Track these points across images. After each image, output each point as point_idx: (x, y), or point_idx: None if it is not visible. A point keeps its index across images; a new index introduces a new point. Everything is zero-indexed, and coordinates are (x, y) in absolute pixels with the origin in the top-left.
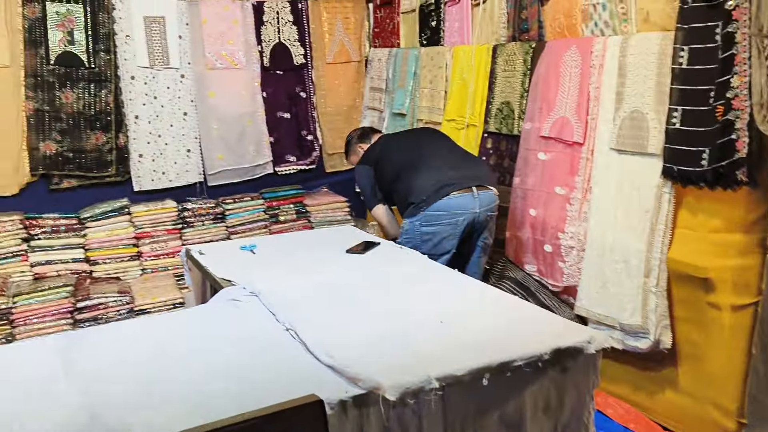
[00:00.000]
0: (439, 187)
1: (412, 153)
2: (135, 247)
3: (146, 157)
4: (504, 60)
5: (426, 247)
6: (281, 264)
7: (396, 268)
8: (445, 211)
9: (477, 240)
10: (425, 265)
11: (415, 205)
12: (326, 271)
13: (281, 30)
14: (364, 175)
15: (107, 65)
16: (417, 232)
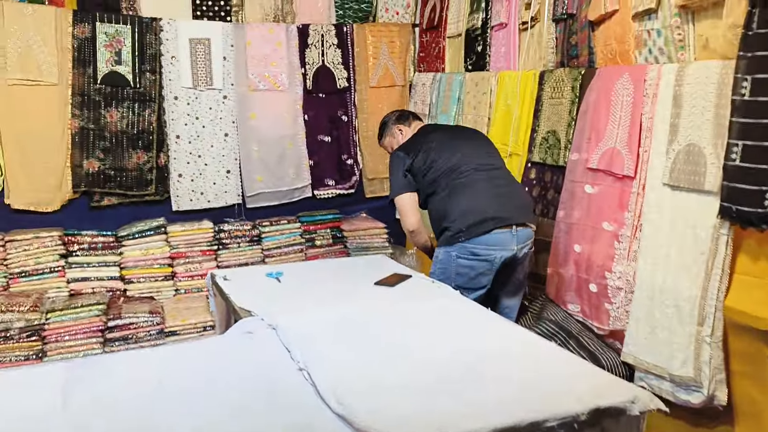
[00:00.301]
0: (482, 220)
1: (458, 163)
2: (169, 267)
3: (185, 177)
4: (551, 87)
5: (461, 280)
6: (305, 294)
7: (425, 304)
8: (483, 246)
9: (511, 276)
10: (457, 303)
11: (453, 234)
12: (351, 305)
13: (325, 53)
14: (399, 162)
15: (152, 85)
16: (453, 263)
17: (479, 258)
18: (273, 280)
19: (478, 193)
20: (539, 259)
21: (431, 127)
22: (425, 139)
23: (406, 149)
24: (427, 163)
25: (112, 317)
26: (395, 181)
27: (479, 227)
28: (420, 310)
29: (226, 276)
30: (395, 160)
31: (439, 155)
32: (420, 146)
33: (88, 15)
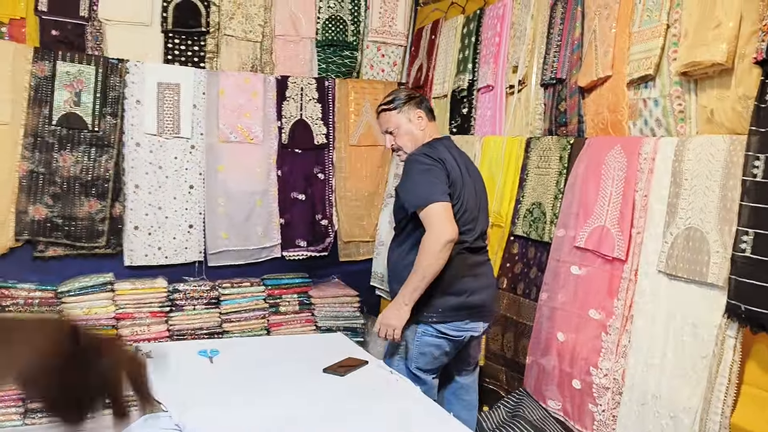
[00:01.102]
0: (464, 306)
1: (472, 222)
2: (114, 329)
3: (142, 230)
4: (538, 155)
5: (423, 361)
6: (237, 381)
7: (376, 404)
8: (453, 328)
9: (468, 351)
10: (415, 404)
11: (426, 312)
12: (287, 399)
13: (304, 107)
14: (437, 170)
15: (112, 130)
16: (416, 341)
17: (447, 337)
18: (205, 359)
19: (474, 274)
20: (518, 345)
21: (455, 151)
22: (454, 167)
23: (440, 161)
24: (455, 201)
25: None
26: (429, 184)
27: (457, 314)
28: (369, 409)
29: (150, 352)
30: (431, 166)
31: (465, 202)
32: (452, 173)
33: (50, 53)
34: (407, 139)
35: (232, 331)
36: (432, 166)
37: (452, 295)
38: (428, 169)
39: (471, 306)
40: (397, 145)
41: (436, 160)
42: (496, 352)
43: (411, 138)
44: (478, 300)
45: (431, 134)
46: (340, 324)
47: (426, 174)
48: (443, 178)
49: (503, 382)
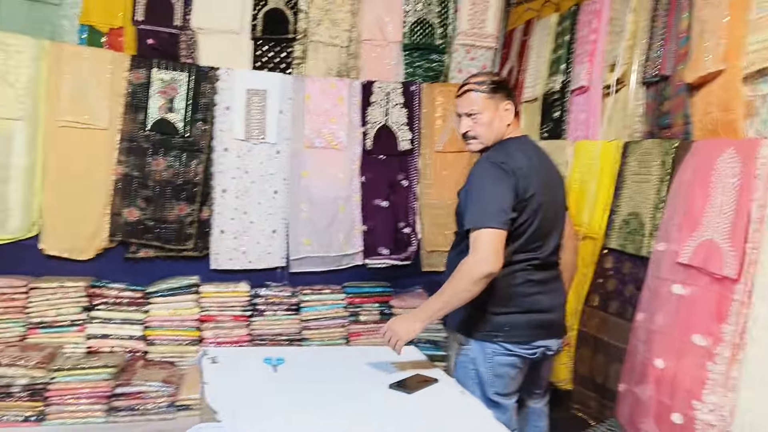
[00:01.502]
0: (536, 326)
1: (544, 239)
2: (197, 331)
3: (228, 234)
4: (637, 160)
5: (500, 384)
6: (298, 392)
7: (441, 425)
8: (528, 349)
9: (539, 373)
10: (484, 428)
11: (490, 329)
12: (347, 414)
13: (389, 112)
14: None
15: (202, 135)
16: (488, 363)
17: (519, 355)
18: (269, 367)
19: (546, 291)
20: (610, 369)
21: (534, 154)
22: (531, 177)
23: (513, 173)
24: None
25: (121, 383)
26: (491, 203)
27: (526, 332)
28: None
29: (216, 357)
30: (501, 179)
31: (540, 215)
32: (528, 185)
33: (146, 61)
34: (486, 130)
35: (311, 339)
36: (503, 179)
37: (520, 314)
38: (496, 183)
39: (542, 325)
40: (474, 132)
41: (509, 172)
42: (585, 376)
43: (491, 130)
44: (550, 318)
45: (512, 132)
46: (422, 336)
47: (492, 188)
48: (510, 195)
49: (593, 409)
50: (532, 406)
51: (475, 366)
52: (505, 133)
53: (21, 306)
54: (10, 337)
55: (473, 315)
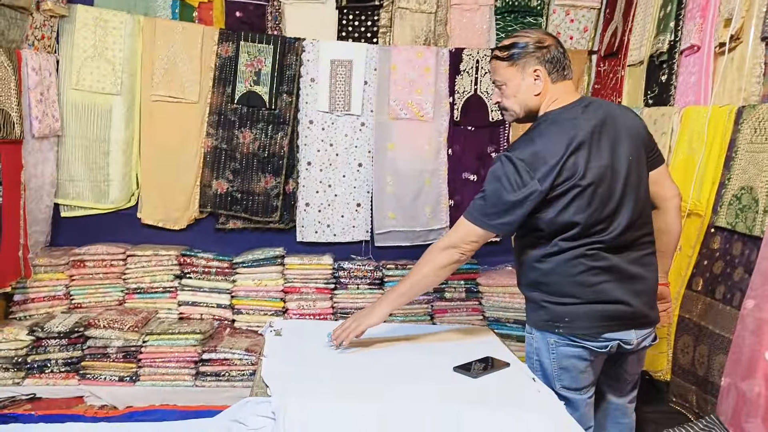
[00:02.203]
0: (603, 317)
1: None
2: (281, 302)
3: (313, 207)
4: (752, 127)
5: (567, 378)
6: (357, 369)
7: (504, 414)
8: (595, 342)
9: (622, 369)
10: (552, 421)
11: (549, 320)
12: (403, 396)
13: (479, 81)
14: (516, 180)
15: (287, 108)
16: (552, 353)
17: (586, 347)
18: (330, 342)
19: (618, 278)
20: (713, 361)
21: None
22: (579, 159)
23: (537, 172)
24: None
25: (208, 349)
26: (496, 204)
27: (589, 325)
28: (494, 424)
29: (280, 329)
30: (516, 182)
31: (595, 194)
32: (574, 170)
33: (233, 34)
34: (515, 102)
35: (394, 314)
36: (518, 187)
37: (582, 304)
38: (509, 191)
39: (613, 316)
40: (503, 103)
41: (529, 178)
42: (685, 368)
43: (517, 102)
44: (622, 309)
45: (556, 98)
46: (510, 316)
47: (504, 195)
48: (521, 208)
49: (693, 404)
50: (614, 401)
51: (538, 357)
52: (540, 103)
53: (119, 272)
54: (110, 301)
55: (534, 301)
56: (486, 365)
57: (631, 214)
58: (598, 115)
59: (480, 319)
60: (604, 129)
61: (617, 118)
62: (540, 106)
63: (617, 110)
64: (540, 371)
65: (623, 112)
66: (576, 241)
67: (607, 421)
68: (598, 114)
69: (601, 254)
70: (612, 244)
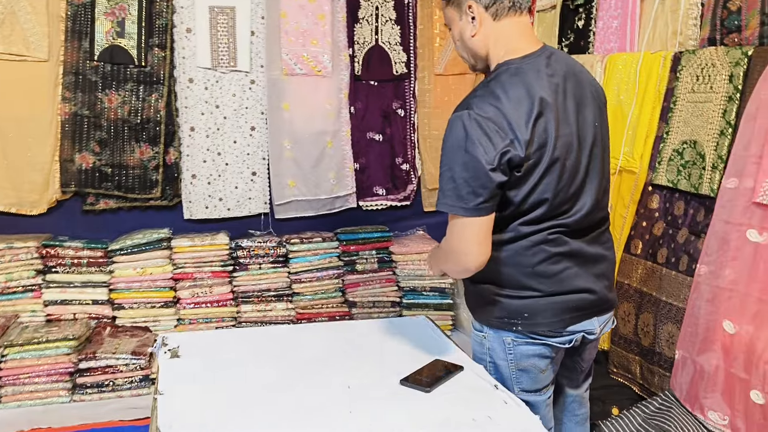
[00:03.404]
0: (566, 309)
1: (573, 198)
2: (171, 291)
3: (201, 179)
4: (692, 75)
5: (526, 381)
6: (285, 399)
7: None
8: (558, 337)
9: (580, 358)
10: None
11: (506, 318)
12: (352, 429)
13: (380, 30)
14: (480, 152)
15: (161, 64)
16: (509, 354)
17: (548, 343)
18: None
19: (580, 263)
20: (659, 330)
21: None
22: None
23: (501, 127)
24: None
25: (85, 357)
26: (467, 178)
27: (551, 319)
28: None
29: (177, 348)
30: (479, 138)
31: (560, 172)
32: (535, 134)
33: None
34: (462, 48)
35: (303, 293)
36: (482, 144)
37: (544, 297)
38: (473, 150)
39: (578, 307)
40: (457, 52)
41: (493, 131)
42: (627, 337)
43: (465, 47)
44: (587, 298)
45: (509, 41)
46: (426, 284)
47: (468, 159)
48: (493, 160)
49: (636, 375)
50: (571, 393)
51: (493, 359)
52: (486, 48)
53: None
54: None
55: (484, 296)
56: (437, 372)
57: (595, 193)
58: (562, 70)
59: (395, 290)
60: (568, 88)
61: (579, 74)
62: (488, 52)
63: (578, 66)
64: (495, 374)
65: (582, 69)
66: (538, 225)
67: (563, 415)
68: (562, 69)
69: (563, 238)
70: (575, 227)
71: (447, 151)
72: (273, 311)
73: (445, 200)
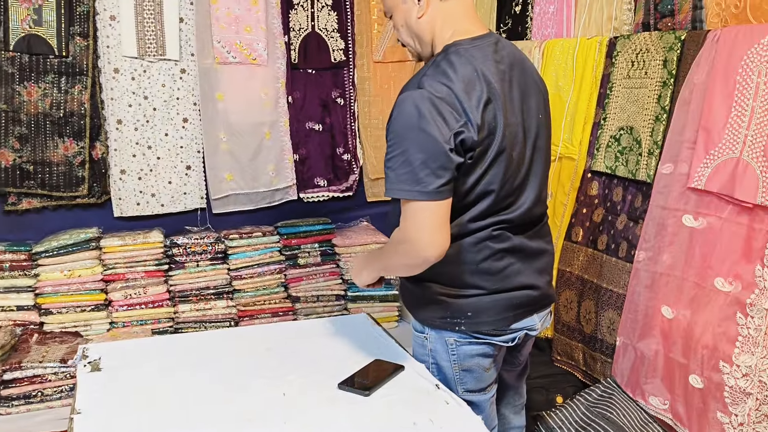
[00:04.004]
0: (511, 306)
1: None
2: (103, 293)
3: (131, 174)
4: (628, 60)
5: (470, 381)
6: (218, 410)
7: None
8: (502, 335)
9: (520, 353)
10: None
11: (449, 318)
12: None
13: (316, 16)
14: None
15: (84, 54)
16: (452, 354)
17: (491, 343)
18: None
19: (523, 259)
20: (601, 317)
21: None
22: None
23: (454, 106)
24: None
25: (10, 367)
26: (419, 160)
27: (496, 317)
28: None
29: (98, 360)
30: (433, 115)
31: (508, 161)
32: (485, 119)
33: None
34: (406, 34)
35: (244, 290)
36: (436, 121)
37: (487, 295)
38: (428, 127)
39: (522, 304)
40: (400, 39)
41: (447, 109)
42: (570, 325)
43: (410, 32)
44: (530, 295)
45: (455, 22)
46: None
47: (423, 137)
48: (449, 140)
49: (580, 362)
50: (510, 385)
51: (435, 360)
52: (432, 31)
53: None
54: None
55: (426, 295)
56: (377, 373)
57: (538, 187)
58: (508, 58)
59: (339, 283)
60: (514, 77)
61: (523, 63)
62: (435, 35)
63: (522, 55)
64: (438, 376)
65: (526, 58)
66: (483, 220)
67: (501, 405)
68: (509, 57)
69: (506, 234)
70: (518, 222)
71: (398, 133)
72: (213, 310)
73: (400, 186)
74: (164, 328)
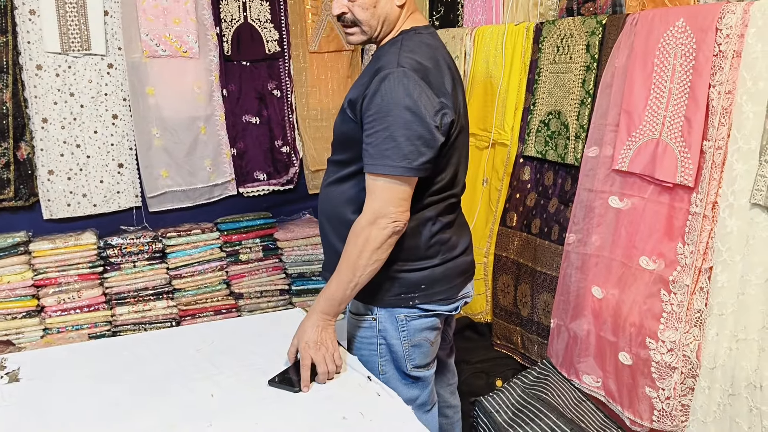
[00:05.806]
0: (458, 273)
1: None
2: (35, 299)
3: (59, 175)
4: (553, 45)
5: (419, 356)
6: (132, 412)
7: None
8: (449, 305)
9: (448, 328)
10: None
11: (404, 293)
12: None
13: (248, 6)
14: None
15: (3, 50)
16: (403, 332)
17: (438, 313)
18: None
19: (459, 227)
20: (537, 300)
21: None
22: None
23: (432, 82)
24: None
25: None
26: (408, 131)
27: (448, 285)
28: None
29: (17, 371)
30: (423, 94)
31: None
32: (451, 105)
33: None
34: (372, 15)
35: (185, 288)
36: (426, 100)
37: (438, 265)
38: (418, 106)
39: (463, 271)
40: (352, 15)
41: (434, 90)
42: (507, 309)
43: (377, 14)
44: (467, 260)
45: (412, 15)
46: (314, 269)
47: (407, 112)
48: (434, 118)
49: (518, 345)
50: (444, 362)
51: (385, 340)
52: (396, 19)
53: None
54: None
55: (378, 275)
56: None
57: (466, 164)
58: (442, 47)
59: (283, 277)
60: (450, 65)
61: (448, 53)
62: (397, 22)
63: None
64: (387, 355)
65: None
66: (440, 195)
67: (437, 386)
68: (442, 46)
69: (452, 207)
70: (460, 195)
71: (381, 109)
72: (153, 311)
73: (384, 161)
74: (102, 332)
